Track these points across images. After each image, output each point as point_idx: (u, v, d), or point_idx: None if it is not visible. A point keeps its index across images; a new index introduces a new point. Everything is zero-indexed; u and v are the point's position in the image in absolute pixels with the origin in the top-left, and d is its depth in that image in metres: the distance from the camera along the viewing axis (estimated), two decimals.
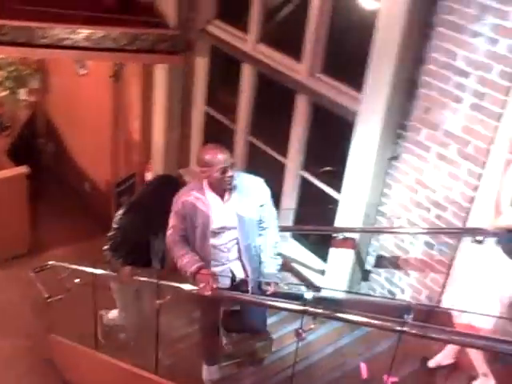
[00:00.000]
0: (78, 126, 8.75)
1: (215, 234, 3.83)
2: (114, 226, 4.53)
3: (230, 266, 3.91)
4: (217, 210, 3.80)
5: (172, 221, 3.87)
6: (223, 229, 3.84)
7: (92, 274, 4.88)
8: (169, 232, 3.88)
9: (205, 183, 3.81)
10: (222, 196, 3.81)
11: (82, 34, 5.83)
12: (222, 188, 3.79)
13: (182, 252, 3.80)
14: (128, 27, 6.01)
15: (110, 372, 4.84)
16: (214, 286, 3.64)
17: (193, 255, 3.77)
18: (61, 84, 8.99)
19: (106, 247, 4.56)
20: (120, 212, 4.54)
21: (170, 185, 4.54)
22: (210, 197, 3.81)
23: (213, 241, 3.83)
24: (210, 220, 3.78)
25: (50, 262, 5.64)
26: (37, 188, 8.24)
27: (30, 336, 6.17)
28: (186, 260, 3.74)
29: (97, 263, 4.86)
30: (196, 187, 3.85)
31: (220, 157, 3.73)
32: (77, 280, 5.30)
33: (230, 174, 3.73)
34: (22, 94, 9.36)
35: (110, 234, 4.56)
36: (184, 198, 3.82)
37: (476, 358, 3.60)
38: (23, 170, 7.62)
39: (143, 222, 4.42)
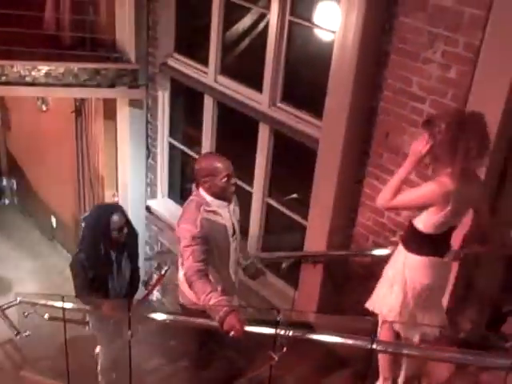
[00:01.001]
0: (41, 162, 8.71)
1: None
2: (72, 268, 4.56)
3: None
4: (227, 218, 3.71)
5: (189, 249, 3.52)
6: (234, 236, 3.77)
7: (62, 308, 4.85)
8: (188, 263, 3.51)
9: (205, 194, 3.67)
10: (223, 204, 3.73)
11: (43, 70, 5.85)
12: (225, 196, 3.71)
13: (207, 289, 3.44)
14: (88, 62, 6.07)
15: None
16: (243, 329, 3.31)
17: (218, 294, 3.44)
18: (22, 121, 8.97)
19: (77, 292, 4.57)
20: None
21: (102, 211, 4.63)
22: (218, 206, 3.68)
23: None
24: (228, 230, 3.69)
25: (18, 299, 5.58)
26: (1, 225, 8.17)
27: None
28: (213, 301, 3.38)
29: (66, 297, 4.82)
30: (200, 202, 3.64)
31: (224, 164, 3.67)
32: (46, 315, 5.26)
33: (234, 180, 3.71)
34: None
35: (72, 278, 4.56)
36: (199, 217, 3.56)
37: (382, 362, 3.70)
38: None
39: (92, 256, 4.44)
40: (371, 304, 3.69)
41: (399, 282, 3.49)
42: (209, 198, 3.65)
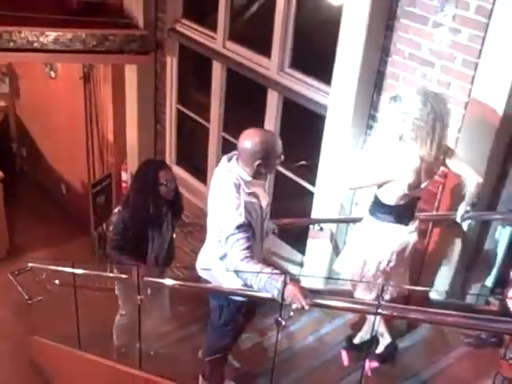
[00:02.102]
0: (50, 129, 8.73)
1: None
2: (111, 224, 4.37)
3: None
4: (263, 197, 3.40)
5: (233, 238, 3.20)
6: (265, 215, 3.49)
7: (72, 274, 4.91)
8: (233, 252, 3.20)
9: (245, 174, 3.30)
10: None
11: (51, 36, 5.84)
12: (266, 176, 3.45)
13: (255, 268, 3.10)
14: (96, 28, 6.03)
15: (94, 370, 4.87)
16: (306, 297, 2.88)
17: (271, 269, 3.08)
18: (31, 88, 8.96)
19: (109, 248, 4.36)
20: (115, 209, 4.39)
21: (150, 165, 4.38)
22: (257, 186, 3.35)
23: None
24: (263, 210, 3.39)
25: (30, 264, 5.64)
26: (12, 192, 8.23)
27: (12, 339, 6.19)
28: (265, 279, 3.00)
29: (76, 263, 4.87)
30: (238, 183, 3.28)
31: (279, 141, 3.34)
32: (56, 281, 5.33)
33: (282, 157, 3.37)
34: None
35: (109, 233, 4.38)
36: (242, 202, 3.23)
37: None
38: None
39: (136, 212, 4.20)
40: (337, 266, 3.92)
41: (363, 249, 3.69)
42: (248, 179, 3.30)
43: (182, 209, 4.65)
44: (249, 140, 3.27)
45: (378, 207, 3.60)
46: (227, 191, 3.29)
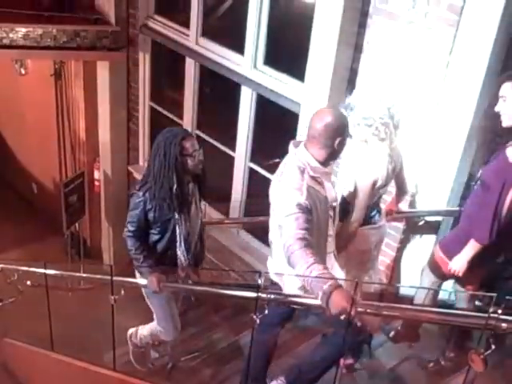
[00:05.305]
0: (20, 127, 8.62)
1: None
2: (128, 217, 3.60)
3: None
4: (329, 188, 3.11)
5: (291, 218, 2.86)
6: (334, 207, 3.16)
7: (44, 275, 4.84)
8: (289, 231, 2.85)
9: (311, 158, 3.00)
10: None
11: (21, 32, 5.75)
12: (334, 160, 3.13)
13: (309, 259, 2.73)
14: (68, 24, 5.95)
15: (67, 372, 4.82)
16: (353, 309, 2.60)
17: (322, 267, 2.73)
18: (0, 85, 8.81)
19: (125, 235, 3.63)
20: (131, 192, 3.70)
21: (172, 135, 3.54)
22: (322, 174, 3.05)
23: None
24: (328, 202, 3.07)
25: (0, 265, 5.54)
26: None
27: None
28: (315, 273, 2.69)
29: (48, 264, 4.80)
30: (303, 167, 2.99)
31: None
32: (28, 282, 5.25)
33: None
34: None
35: (126, 228, 3.63)
36: (304, 183, 2.93)
37: None
38: None
39: (161, 194, 3.52)
40: None
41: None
42: (314, 164, 2.99)
43: (206, 185, 3.87)
44: (327, 118, 2.96)
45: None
46: (289, 173, 3.01)
